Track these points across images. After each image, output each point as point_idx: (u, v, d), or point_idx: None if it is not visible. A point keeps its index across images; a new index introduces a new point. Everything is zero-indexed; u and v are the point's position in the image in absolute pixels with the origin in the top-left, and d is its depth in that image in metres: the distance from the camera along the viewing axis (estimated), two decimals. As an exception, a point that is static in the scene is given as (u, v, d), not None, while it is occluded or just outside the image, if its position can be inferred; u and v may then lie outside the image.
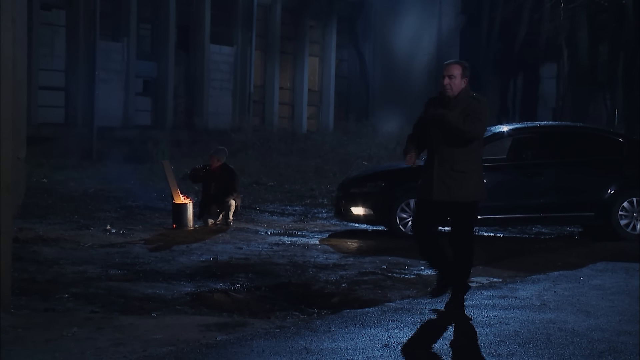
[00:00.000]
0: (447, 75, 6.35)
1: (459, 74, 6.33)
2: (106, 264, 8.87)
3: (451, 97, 6.34)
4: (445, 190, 6.32)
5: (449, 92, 6.34)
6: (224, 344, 5.43)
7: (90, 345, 5.42)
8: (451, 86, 6.33)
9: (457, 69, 6.35)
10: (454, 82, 6.32)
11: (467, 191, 6.33)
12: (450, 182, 6.30)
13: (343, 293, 7.55)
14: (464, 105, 6.30)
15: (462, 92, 6.33)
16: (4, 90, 6.08)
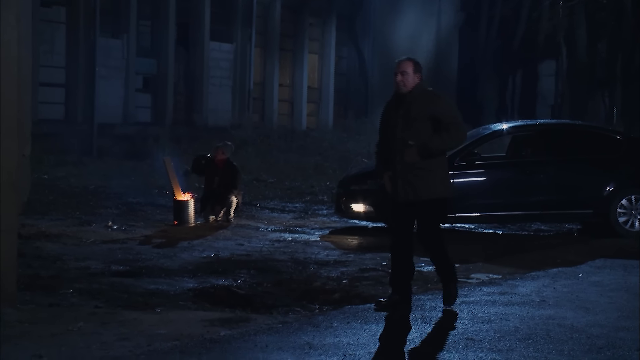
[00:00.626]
0: (400, 72, 6.31)
1: (411, 70, 6.29)
2: (109, 260, 8.94)
3: (406, 93, 6.30)
4: (410, 190, 6.26)
5: (402, 89, 6.30)
6: (227, 339, 5.50)
7: (96, 340, 5.49)
8: (404, 82, 6.29)
9: (409, 65, 6.33)
10: (407, 79, 6.28)
11: (434, 189, 6.27)
12: (415, 180, 6.24)
13: (344, 289, 7.63)
14: (422, 101, 6.24)
15: (416, 87, 6.29)
16: (9, 89, 6.14)
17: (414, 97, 6.25)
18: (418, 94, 6.27)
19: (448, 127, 6.17)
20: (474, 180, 10.97)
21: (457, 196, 10.71)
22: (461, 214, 10.86)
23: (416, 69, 6.31)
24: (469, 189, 10.86)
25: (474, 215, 10.98)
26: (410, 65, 6.30)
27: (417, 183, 6.24)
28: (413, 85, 6.27)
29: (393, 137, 6.31)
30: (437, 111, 6.20)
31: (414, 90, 6.28)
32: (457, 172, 10.87)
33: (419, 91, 6.29)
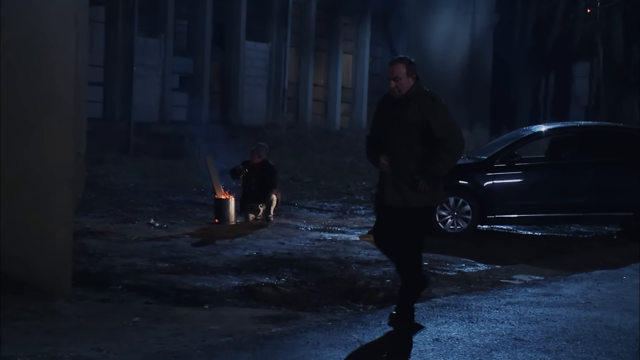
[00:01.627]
0: (393, 79, 5.95)
1: (403, 74, 5.91)
2: (153, 257, 9.10)
3: (401, 98, 5.94)
4: (399, 197, 5.94)
5: (397, 95, 5.94)
6: (279, 335, 5.62)
7: (151, 335, 5.63)
8: (399, 88, 5.93)
9: (402, 68, 5.93)
10: (401, 84, 5.90)
11: (423, 196, 5.93)
12: (406, 188, 5.92)
13: (388, 289, 7.70)
14: (417, 105, 5.89)
15: (412, 89, 5.91)
16: (66, 90, 6.31)
17: (410, 99, 5.92)
18: (413, 96, 5.91)
19: (445, 144, 5.84)
20: (513, 181, 11.00)
21: (497, 197, 10.84)
22: (501, 215, 10.90)
23: (409, 70, 5.94)
24: (508, 191, 10.91)
25: (513, 217, 11.01)
26: (403, 68, 5.93)
27: (407, 190, 5.92)
28: (408, 88, 5.91)
29: (385, 141, 5.99)
30: (431, 119, 5.87)
31: (410, 92, 5.92)
32: (497, 173, 10.93)
33: (414, 93, 5.92)
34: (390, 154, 5.96)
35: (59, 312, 5.95)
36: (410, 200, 5.92)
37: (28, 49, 6.09)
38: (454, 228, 10.93)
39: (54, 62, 6.25)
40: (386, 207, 6.06)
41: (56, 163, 6.28)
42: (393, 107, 5.97)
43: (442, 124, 5.86)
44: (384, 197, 6.05)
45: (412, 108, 5.87)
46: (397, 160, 5.94)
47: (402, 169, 5.93)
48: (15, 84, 6.08)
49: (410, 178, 5.88)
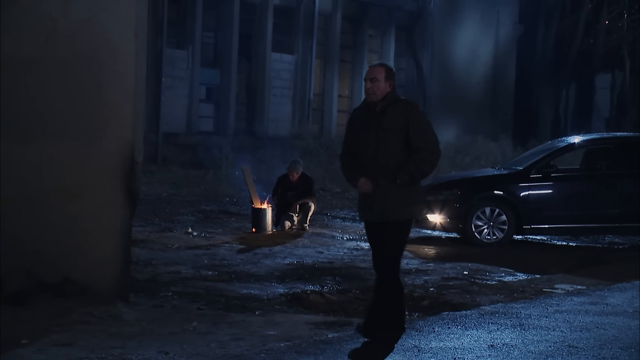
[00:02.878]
0: (369, 79, 5.75)
1: (382, 77, 5.72)
2: (197, 265, 9.27)
3: (376, 101, 5.73)
4: (380, 210, 5.70)
5: (372, 97, 5.73)
6: (337, 340, 5.76)
7: (212, 339, 5.79)
8: (374, 90, 5.72)
9: (381, 71, 5.75)
10: (378, 86, 5.70)
11: (404, 209, 5.72)
12: (389, 199, 5.67)
13: (432, 297, 7.83)
14: (394, 111, 5.68)
15: (387, 96, 5.72)
16: (125, 100, 6.50)
17: (385, 106, 5.70)
18: (389, 103, 5.71)
19: (421, 152, 5.63)
20: (549, 192, 11.11)
21: (533, 208, 10.95)
22: (537, 225, 11.01)
23: (388, 76, 5.76)
24: (544, 201, 11.02)
25: (549, 227, 11.11)
26: (382, 72, 5.75)
27: (387, 203, 5.68)
28: (384, 93, 5.71)
29: (365, 152, 5.75)
30: (409, 126, 5.66)
31: (386, 99, 5.72)
32: (533, 184, 11.04)
33: (390, 101, 5.72)
34: (371, 164, 5.71)
35: (120, 316, 6.12)
36: (391, 214, 5.69)
37: (92, 60, 6.28)
38: (490, 238, 11.04)
39: (114, 74, 6.44)
40: (369, 225, 5.88)
41: (116, 172, 6.46)
42: (370, 116, 5.75)
43: (419, 132, 5.67)
44: (365, 213, 5.84)
45: (392, 114, 5.68)
46: (379, 170, 5.68)
47: (385, 177, 5.66)
48: (79, 94, 6.26)
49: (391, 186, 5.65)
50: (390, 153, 5.68)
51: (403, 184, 5.65)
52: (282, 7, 24.90)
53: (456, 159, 21.73)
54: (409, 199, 5.74)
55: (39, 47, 6.03)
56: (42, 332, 5.58)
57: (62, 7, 6.10)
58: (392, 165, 5.66)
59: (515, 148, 23.32)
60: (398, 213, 5.71)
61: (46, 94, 6.11)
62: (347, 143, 5.95)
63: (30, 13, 5.98)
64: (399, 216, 5.72)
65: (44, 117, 6.10)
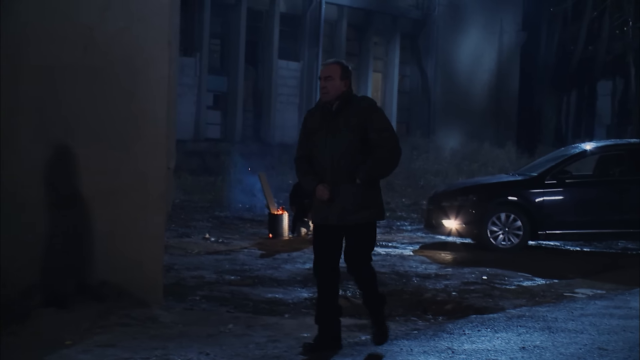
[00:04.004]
0: (324, 77, 5.52)
1: (337, 75, 5.48)
2: (218, 270, 9.40)
3: (331, 102, 5.50)
4: (341, 212, 5.49)
5: (326, 96, 5.50)
6: (371, 342, 5.86)
7: (249, 341, 5.91)
8: (328, 89, 5.49)
9: (336, 69, 5.51)
10: (332, 85, 5.47)
11: (368, 211, 5.53)
12: (348, 201, 5.48)
13: (455, 301, 7.95)
14: (350, 110, 5.46)
15: (342, 95, 5.49)
16: (159, 107, 6.64)
17: (341, 106, 5.49)
18: (345, 103, 5.49)
19: (381, 151, 5.45)
20: (564, 198, 11.25)
21: (548, 213, 11.09)
22: (551, 230, 11.15)
23: (344, 74, 5.52)
24: (559, 207, 11.17)
25: (564, 233, 11.25)
26: (337, 70, 5.50)
27: (350, 204, 5.48)
28: (339, 92, 5.48)
29: (321, 155, 5.52)
30: (367, 125, 5.45)
31: (341, 99, 5.49)
32: (547, 189, 11.19)
33: (345, 100, 5.50)
34: (327, 166, 5.49)
35: (157, 318, 6.24)
36: (356, 217, 5.49)
37: (127, 68, 6.42)
38: (505, 243, 11.17)
39: (149, 81, 6.57)
40: (328, 229, 5.58)
41: (150, 178, 6.59)
42: (326, 116, 5.53)
43: (378, 130, 5.46)
44: (327, 215, 5.55)
45: (348, 113, 5.46)
46: (336, 172, 5.47)
47: (343, 180, 5.46)
48: (115, 101, 6.39)
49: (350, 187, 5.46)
50: (348, 154, 5.46)
51: (363, 183, 5.45)
52: (289, 14, 25.09)
53: (462, 165, 21.89)
54: (368, 201, 5.53)
55: (77, 55, 6.17)
56: (84, 333, 5.70)
57: (100, 16, 6.24)
58: (350, 167, 5.45)
59: (521, 155, 23.47)
60: (357, 215, 5.50)
61: (83, 101, 6.24)
62: (301, 146, 5.71)
63: (69, 23, 6.12)
64: (359, 219, 5.51)
65: (81, 123, 6.24)
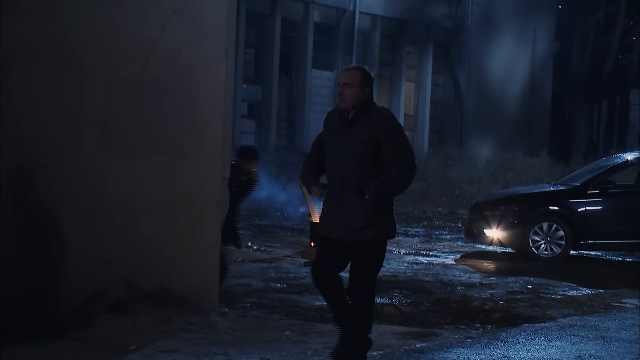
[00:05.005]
0: (343, 84, 5.25)
1: (356, 82, 5.19)
2: (264, 277, 9.54)
3: (349, 110, 5.25)
4: (345, 227, 5.21)
5: (342, 104, 5.25)
6: (429, 349, 5.97)
7: (306, 347, 6.02)
8: (345, 97, 5.22)
9: (355, 75, 5.22)
10: (351, 92, 5.19)
11: (377, 228, 5.22)
12: (355, 216, 5.20)
13: (503, 310, 8.01)
14: (366, 121, 5.20)
15: (362, 104, 5.21)
16: (216, 118, 6.78)
17: (359, 116, 5.22)
18: (362, 112, 5.22)
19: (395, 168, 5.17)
20: (606, 208, 11.28)
21: (590, 223, 11.12)
22: (594, 240, 11.17)
23: (364, 82, 5.22)
24: (601, 217, 11.19)
25: (606, 242, 11.27)
26: (357, 76, 5.22)
27: (357, 220, 5.19)
28: (358, 101, 5.21)
29: (331, 164, 5.30)
30: (383, 139, 5.17)
31: (360, 108, 5.22)
32: (590, 199, 11.22)
33: (363, 109, 5.22)
34: (336, 176, 5.26)
35: (215, 325, 6.37)
36: (363, 233, 5.20)
37: (187, 80, 6.56)
38: (548, 253, 11.20)
39: (207, 92, 6.72)
40: (334, 242, 5.32)
41: (208, 187, 6.73)
42: (341, 125, 5.28)
43: (393, 145, 5.18)
44: (331, 228, 5.30)
45: (363, 124, 5.19)
46: (345, 183, 5.22)
47: (352, 193, 5.20)
48: (175, 112, 6.55)
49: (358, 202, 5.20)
50: (358, 167, 5.18)
51: (372, 200, 5.15)
52: (323, 24, 25.28)
53: (497, 175, 21.90)
54: (377, 217, 5.20)
55: (139, 68, 6.33)
56: (147, 338, 5.85)
57: (161, 30, 6.40)
58: (360, 181, 5.17)
59: (555, 164, 23.43)
60: (364, 232, 5.18)
61: (145, 112, 6.40)
62: (314, 145, 5.50)
63: (133, 36, 6.28)
64: (365, 236, 5.19)
65: (143, 133, 6.39)
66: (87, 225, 6.08)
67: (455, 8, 27.87)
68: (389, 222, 5.30)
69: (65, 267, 5.99)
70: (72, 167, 6.02)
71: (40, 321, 5.81)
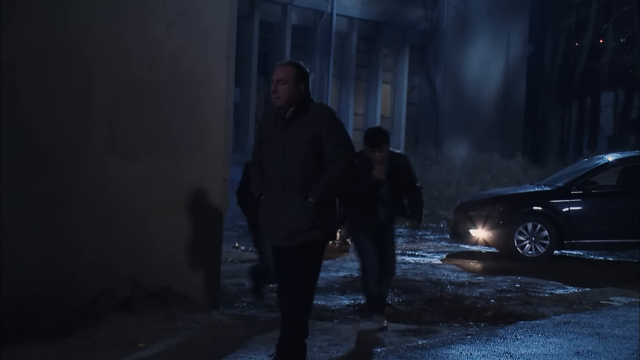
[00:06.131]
0: (276, 81, 5.00)
1: (291, 78, 4.95)
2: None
3: (284, 108, 5.00)
4: (289, 232, 4.97)
5: (277, 102, 5.00)
6: (431, 346, 6.10)
7: (312, 345, 6.07)
8: (279, 94, 4.98)
9: (290, 71, 4.98)
10: (285, 89, 4.95)
11: (322, 229, 5.01)
12: (299, 220, 4.96)
13: (495, 308, 8.17)
14: (305, 119, 4.96)
15: (297, 101, 4.97)
16: (217, 120, 6.86)
17: (295, 114, 4.98)
18: (299, 110, 4.98)
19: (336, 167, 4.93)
20: (590, 208, 11.50)
21: (574, 223, 11.34)
22: (577, 240, 11.39)
23: (299, 78, 4.98)
24: (585, 217, 11.42)
25: (589, 242, 11.51)
26: (291, 72, 4.97)
27: (296, 225, 4.96)
28: (292, 98, 4.96)
29: (271, 166, 5.02)
30: (322, 137, 4.94)
31: (296, 105, 4.98)
32: (573, 200, 11.44)
33: (300, 107, 4.98)
34: (277, 178, 4.98)
35: (220, 323, 6.46)
36: (300, 237, 4.97)
37: (190, 82, 6.64)
38: (532, 253, 11.41)
39: (209, 94, 6.80)
40: (277, 249, 5.12)
41: (209, 188, 6.82)
42: (278, 124, 5.02)
43: (334, 144, 4.94)
44: (272, 233, 5.08)
45: (302, 123, 4.95)
46: (286, 186, 4.96)
47: (293, 193, 4.95)
48: (178, 113, 6.62)
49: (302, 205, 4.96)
50: (300, 168, 4.93)
51: (316, 202, 4.94)
52: (300, 26, 25.36)
53: (474, 176, 22.15)
54: (320, 220, 4.99)
55: (144, 70, 6.39)
56: (154, 336, 5.92)
57: (166, 32, 6.47)
58: (302, 182, 4.93)
59: (531, 166, 23.74)
60: (309, 234, 4.96)
61: (150, 114, 6.46)
62: (255, 152, 5.23)
63: (138, 39, 6.34)
64: (307, 237, 4.96)
65: (147, 135, 6.45)
66: (93, 224, 6.13)
67: (431, 11, 28.11)
68: (333, 223, 5.09)
69: (73, 266, 6.03)
70: (79, 168, 6.07)
71: (49, 320, 5.85)
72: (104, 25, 6.16)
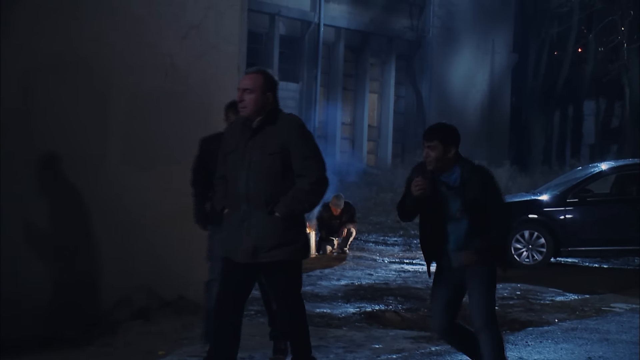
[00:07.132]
0: (242, 89, 4.68)
1: (258, 87, 4.64)
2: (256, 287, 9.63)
3: (251, 118, 4.66)
4: (254, 249, 4.60)
5: (243, 112, 4.67)
6: (446, 352, 6.18)
7: (328, 351, 6.20)
8: (246, 103, 4.64)
9: (257, 79, 4.67)
10: (252, 98, 4.62)
11: (290, 246, 4.65)
12: (264, 236, 4.61)
13: (499, 315, 8.20)
14: (273, 130, 4.64)
15: (265, 111, 4.66)
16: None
17: (262, 124, 4.66)
18: (267, 120, 4.66)
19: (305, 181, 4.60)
20: (586, 216, 11.65)
21: (570, 231, 11.49)
22: (573, 247, 11.54)
23: (267, 86, 4.67)
24: (581, 224, 11.57)
25: (585, 250, 11.65)
26: (258, 80, 4.67)
27: (260, 241, 4.60)
28: (260, 107, 4.64)
29: (235, 179, 4.68)
30: (290, 149, 4.62)
31: (262, 114, 4.66)
32: (569, 208, 11.60)
33: (268, 117, 4.67)
34: (242, 192, 4.62)
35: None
36: (268, 256, 4.62)
37: (203, 93, 6.73)
38: (529, 260, 11.54)
39: (219, 105, 6.84)
40: (238, 266, 4.68)
41: (221, 197, 6.87)
42: (245, 135, 4.69)
43: (302, 156, 4.63)
44: (236, 250, 4.65)
45: (269, 133, 4.64)
46: (251, 200, 4.60)
47: (259, 210, 4.60)
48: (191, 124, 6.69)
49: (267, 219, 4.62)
50: (266, 180, 4.60)
51: (283, 217, 4.60)
52: (288, 36, 25.49)
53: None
54: (289, 236, 4.65)
55: (159, 81, 6.46)
56: (173, 344, 5.97)
57: (179, 45, 6.55)
58: (268, 196, 4.60)
59: (520, 174, 23.94)
60: (276, 252, 4.61)
61: (164, 124, 6.54)
62: (219, 165, 4.87)
63: (153, 51, 6.42)
64: (278, 257, 4.62)
65: (161, 145, 6.52)
66: (110, 235, 6.19)
67: (417, 21, 28.34)
68: (302, 240, 4.74)
69: (92, 276, 6.08)
70: (96, 178, 6.13)
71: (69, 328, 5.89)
72: (120, 38, 6.22)
